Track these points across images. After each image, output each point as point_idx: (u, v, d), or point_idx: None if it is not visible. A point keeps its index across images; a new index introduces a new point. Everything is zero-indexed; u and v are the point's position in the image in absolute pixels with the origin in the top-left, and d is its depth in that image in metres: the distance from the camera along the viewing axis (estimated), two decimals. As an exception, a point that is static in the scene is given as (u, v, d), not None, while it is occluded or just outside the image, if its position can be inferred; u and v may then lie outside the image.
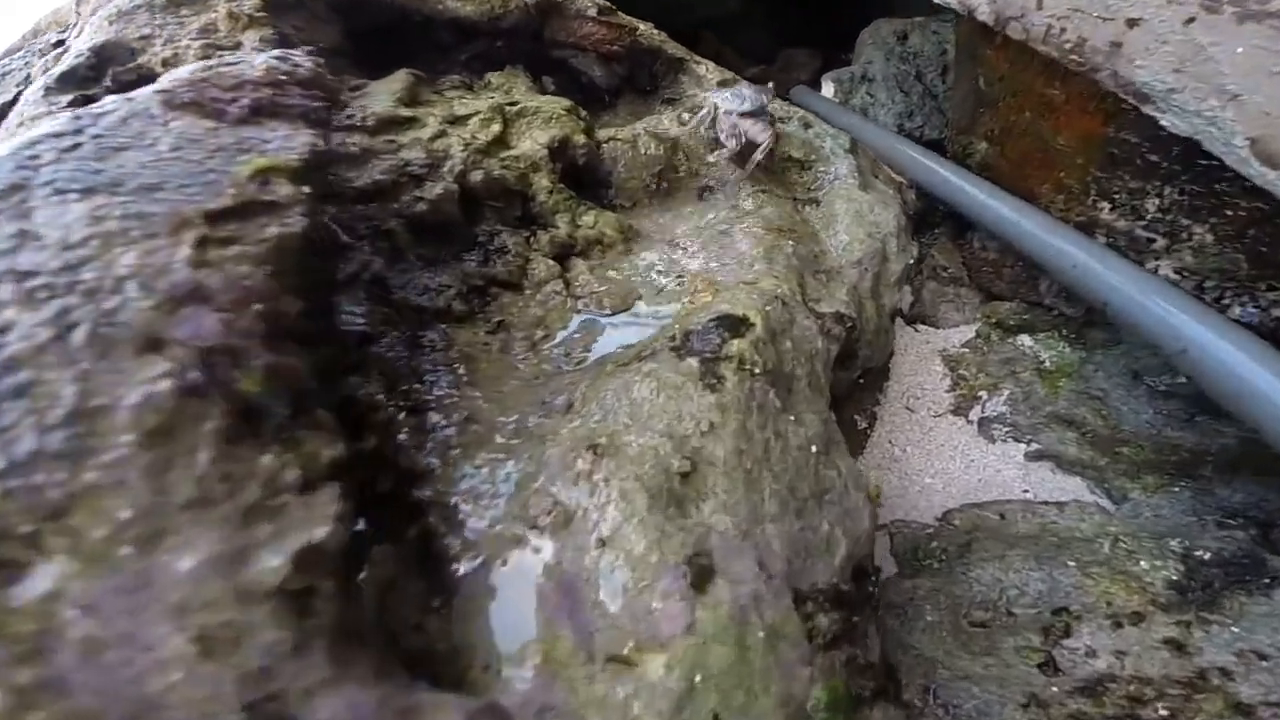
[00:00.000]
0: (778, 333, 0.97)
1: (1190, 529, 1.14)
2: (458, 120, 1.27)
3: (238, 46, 1.20)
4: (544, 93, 1.63)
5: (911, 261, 1.36)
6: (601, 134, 1.44)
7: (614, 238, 1.22)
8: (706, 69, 1.77)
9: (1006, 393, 1.60)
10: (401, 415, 0.83)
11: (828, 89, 2.20)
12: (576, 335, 1.03)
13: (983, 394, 1.64)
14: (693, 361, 0.87)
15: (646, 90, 1.83)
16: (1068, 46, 1.17)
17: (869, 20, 2.76)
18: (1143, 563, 1.09)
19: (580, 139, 1.32)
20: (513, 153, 1.24)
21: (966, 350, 1.70)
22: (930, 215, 1.77)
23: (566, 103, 1.41)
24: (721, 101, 1.39)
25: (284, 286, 0.67)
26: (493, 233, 1.14)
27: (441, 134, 1.19)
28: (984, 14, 1.30)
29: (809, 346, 1.01)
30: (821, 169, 1.50)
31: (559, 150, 1.28)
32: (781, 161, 1.52)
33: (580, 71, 1.76)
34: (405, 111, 1.22)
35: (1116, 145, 1.32)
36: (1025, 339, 1.66)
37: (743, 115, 1.35)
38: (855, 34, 2.78)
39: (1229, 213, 1.23)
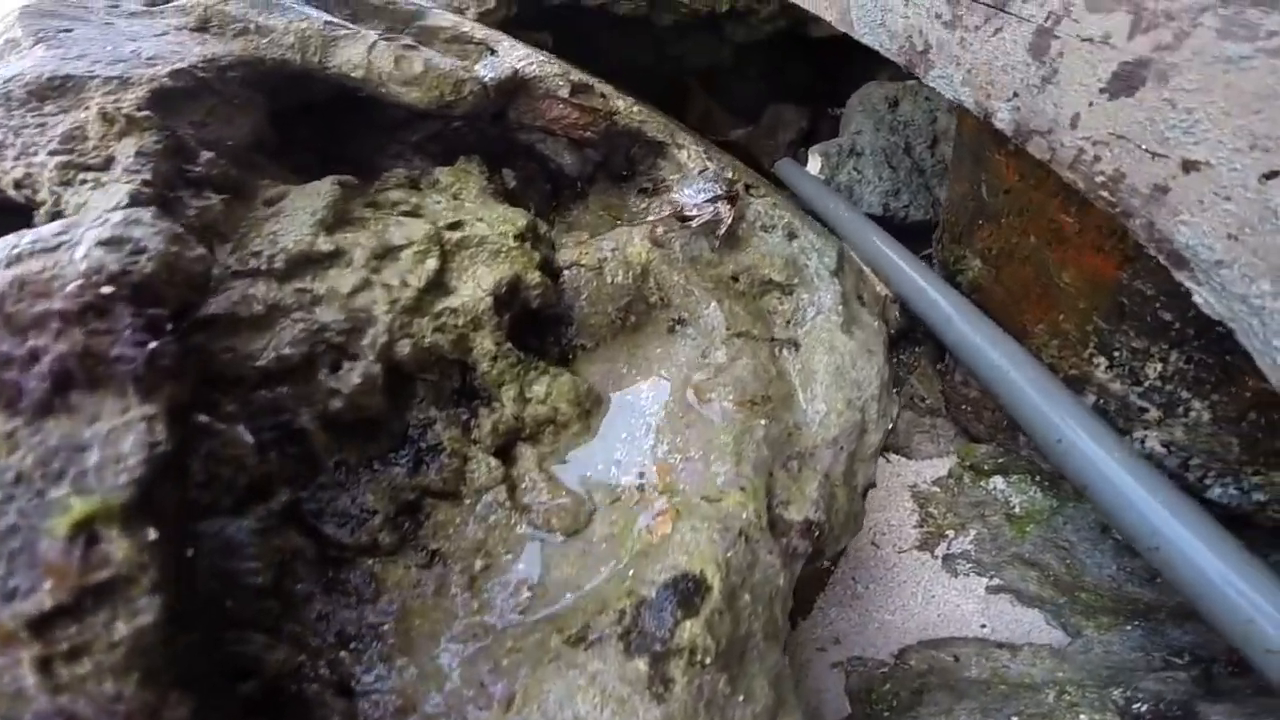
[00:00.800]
0: (737, 589, 0.83)
1: (1137, 665, 1.15)
2: (389, 253, 1.06)
3: (108, 164, 0.94)
4: (504, 191, 1.40)
5: (890, 426, 1.21)
6: (563, 256, 1.24)
7: (569, 414, 1.04)
8: (688, 154, 1.56)
9: (974, 533, 1.53)
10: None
11: (814, 163, 2.00)
12: (521, 567, 0.86)
13: (950, 533, 1.56)
14: (640, 664, 0.72)
15: (623, 175, 1.61)
16: (1099, 179, 0.95)
17: (862, 73, 2.55)
18: (1082, 716, 1.08)
19: (534, 278, 1.12)
20: (450, 304, 1.04)
21: (938, 489, 1.60)
22: (913, 329, 1.62)
23: (521, 221, 1.20)
24: (682, 198, 1.37)
25: (164, 687, 0.48)
26: (425, 423, 0.95)
27: (366, 284, 0.98)
28: (1003, 121, 1.11)
29: (769, 588, 0.87)
30: (804, 295, 1.32)
31: (507, 296, 1.09)
32: (762, 285, 1.34)
33: (548, 158, 1.53)
34: (325, 244, 1.01)
35: (1128, 295, 1.17)
36: (998, 481, 1.57)
37: (704, 204, 1.32)
38: (846, 87, 2.57)
39: (1234, 389, 1.11)
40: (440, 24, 1.62)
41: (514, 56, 1.51)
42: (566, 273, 1.21)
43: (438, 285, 1.06)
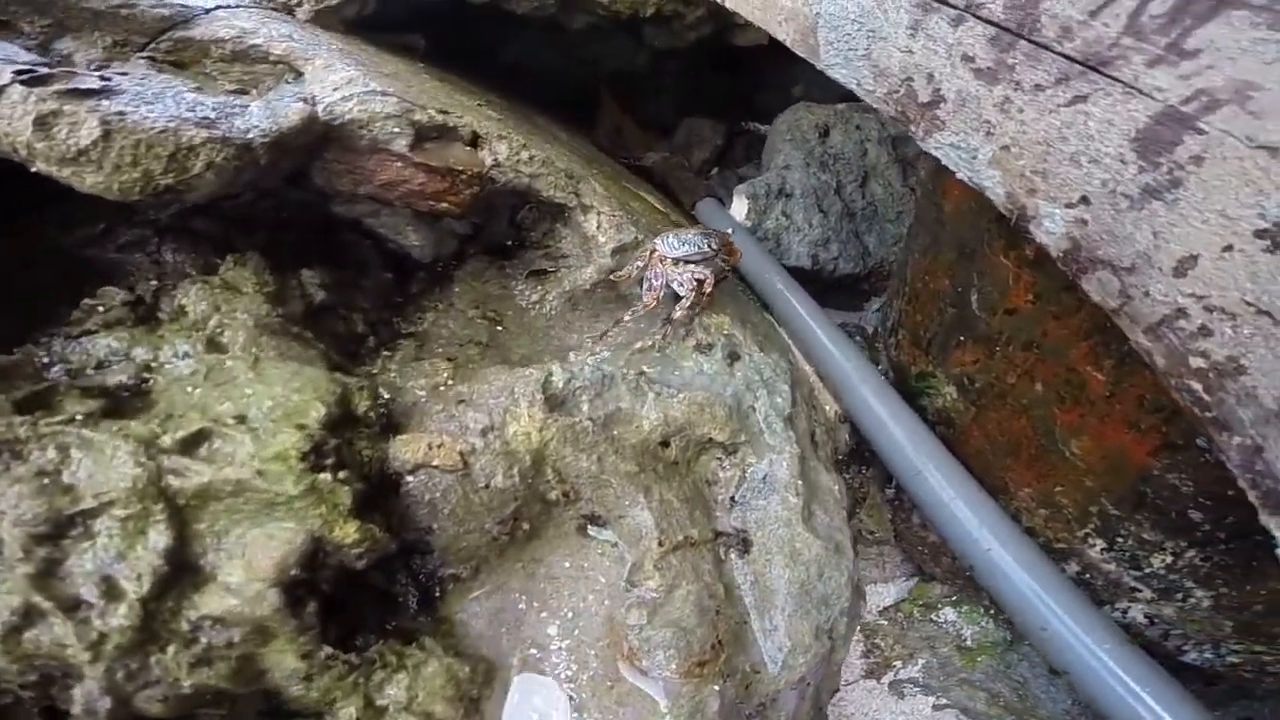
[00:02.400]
0: None
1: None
2: (71, 526, 0.50)
3: None
4: (303, 312, 0.81)
5: (856, 639, 0.85)
6: (401, 453, 0.71)
7: (450, 715, 0.57)
8: (598, 223, 1.04)
9: (922, 662, 1.29)
10: None
11: (740, 206, 1.53)
12: None
13: (898, 663, 1.29)
14: None
15: (507, 246, 1.06)
16: (1195, 363, 0.62)
17: (781, 80, 2.07)
18: None
19: (347, 534, 0.61)
20: (208, 609, 0.53)
21: (885, 621, 1.29)
22: (861, 447, 1.25)
23: (316, 410, 0.65)
24: (664, 247, 1.00)
25: None
26: None
27: (33, 614, 0.44)
28: (1049, 233, 0.74)
29: None
30: (752, 460, 0.91)
31: (305, 575, 0.57)
32: (699, 446, 0.89)
33: (384, 237, 0.94)
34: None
35: (1155, 486, 0.86)
36: (949, 612, 1.29)
37: (686, 261, 0.99)
38: (764, 97, 2.08)
39: (1249, 588, 0.86)
40: (216, 33, 0.95)
41: (325, 85, 0.89)
42: (411, 479, 0.70)
43: (175, 578, 0.52)
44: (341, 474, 0.62)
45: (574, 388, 0.81)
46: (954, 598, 1.24)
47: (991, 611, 1.26)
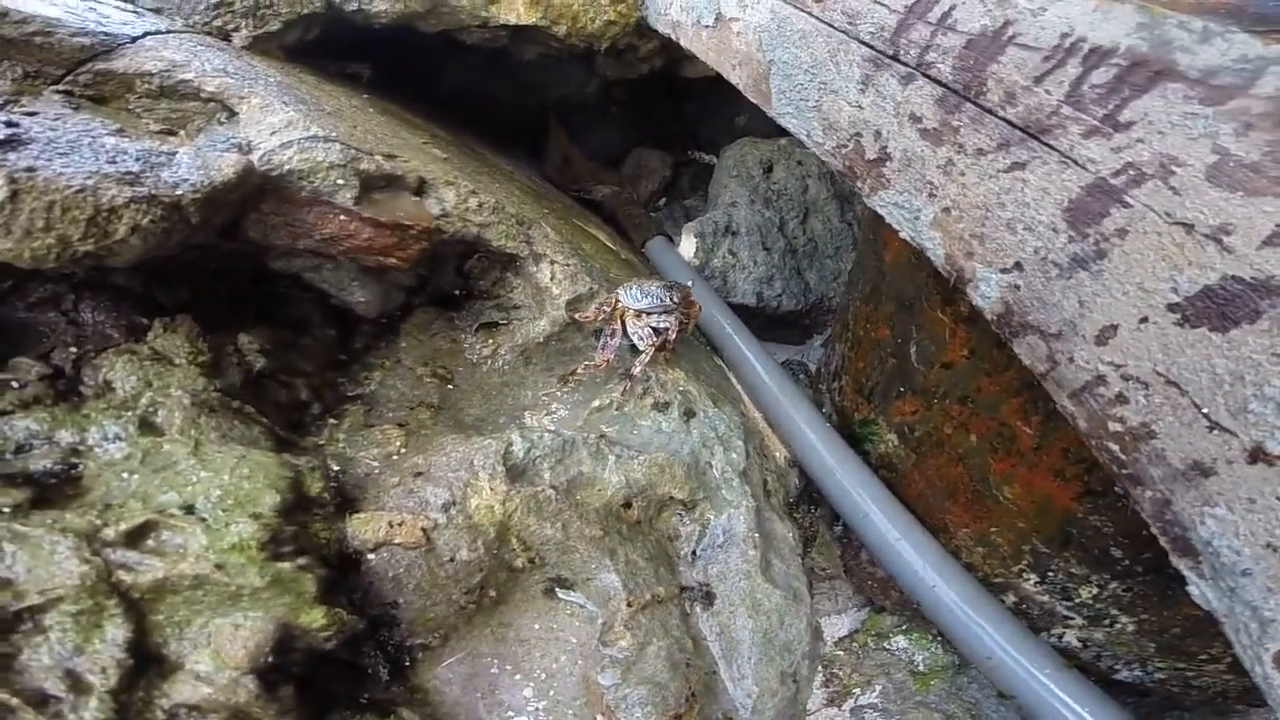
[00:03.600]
0: None
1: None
2: (40, 609, 0.47)
3: None
4: (242, 383, 0.78)
5: (818, 678, 0.89)
6: (361, 531, 0.69)
7: None
8: (551, 274, 1.05)
9: (879, 688, 1.37)
10: None
11: (688, 244, 1.58)
12: None
13: (856, 690, 1.36)
14: None
15: (455, 295, 1.05)
16: (1113, 426, 0.67)
17: (723, 108, 2.15)
18: None
19: (315, 619, 0.59)
20: (180, 696, 0.52)
21: (841, 652, 1.36)
22: (809, 487, 1.30)
23: (270, 497, 0.64)
24: (626, 298, 1.04)
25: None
26: None
27: None
28: (985, 297, 0.77)
29: None
30: (710, 517, 0.94)
31: (277, 660, 0.55)
32: (660, 504, 0.91)
33: (327, 292, 0.91)
34: None
35: (1079, 527, 0.97)
36: (901, 640, 1.36)
37: (647, 313, 1.01)
38: (708, 126, 2.16)
39: (1166, 613, 0.96)
40: (141, 66, 0.90)
41: (262, 129, 0.86)
42: (373, 557, 0.68)
43: (140, 669, 0.50)
44: (302, 560, 0.60)
45: (534, 456, 0.82)
46: (904, 627, 1.32)
47: (940, 639, 1.34)
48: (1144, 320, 0.61)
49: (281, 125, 0.89)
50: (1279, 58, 0.53)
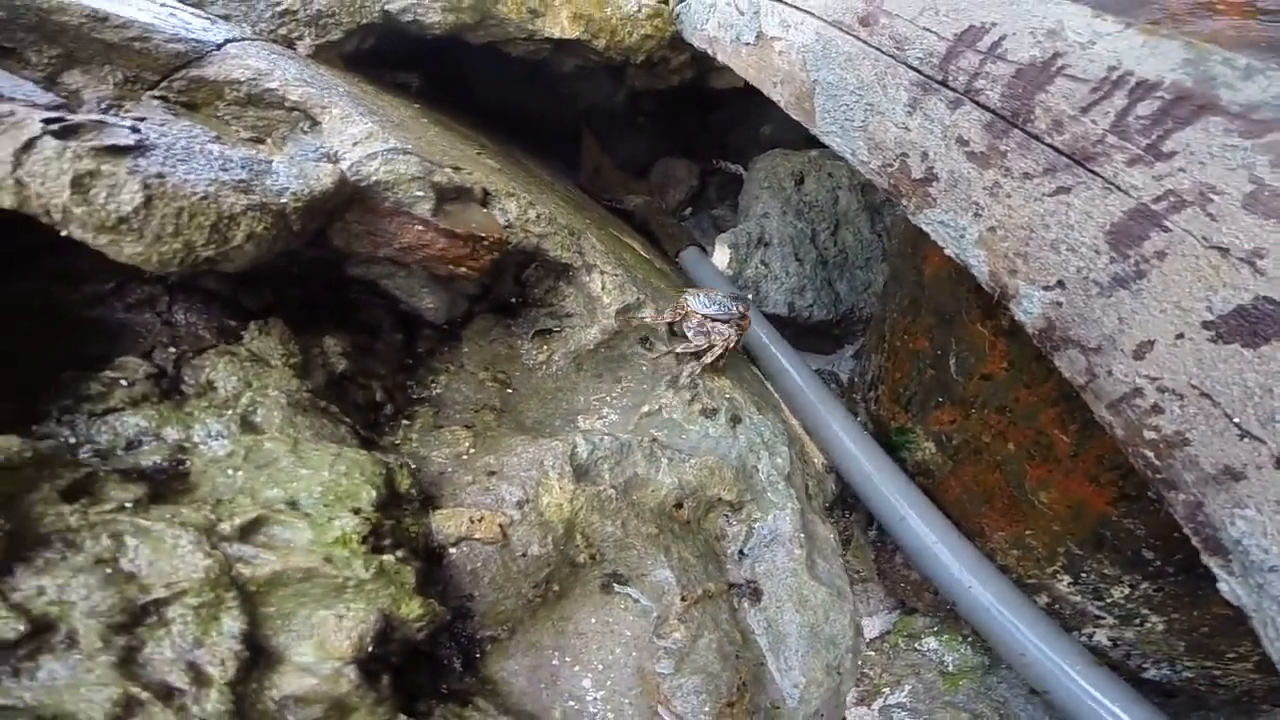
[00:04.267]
0: None
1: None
2: (139, 621, 0.52)
3: None
4: (329, 383, 0.84)
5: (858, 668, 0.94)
6: (445, 525, 0.75)
7: None
8: (602, 284, 1.11)
9: (909, 688, 1.39)
10: None
11: (722, 255, 1.64)
12: None
13: (886, 690, 1.41)
14: None
15: (512, 303, 1.11)
16: (1148, 435, 0.71)
17: (750, 118, 2.21)
18: None
19: (413, 609, 0.65)
20: (289, 687, 0.58)
21: (873, 653, 1.41)
22: (845, 492, 1.36)
23: (368, 492, 0.70)
24: (694, 303, 1.16)
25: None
26: None
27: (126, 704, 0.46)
28: (1026, 312, 0.81)
29: None
30: (756, 515, 0.99)
31: (379, 652, 0.60)
32: (709, 505, 0.97)
33: (398, 298, 0.98)
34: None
35: (1113, 530, 1.01)
36: (931, 641, 1.41)
37: (713, 320, 1.13)
38: (735, 135, 2.22)
39: (1196, 612, 1.00)
40: (230, 74, 0.96)
41: (345, 139, 0.92)
42: (454, 551, 0.74)
43: (252, 661, 0.55)
44: (399, 553, 0.65)
45: (596, 458, 0.87)
46: (935, 628, 1.37)
47: (970, 639, 1.39)
48: (1180, 336, 0.66)
49: (363, 136, 0.95)
50: (1316, 94, 0.58)
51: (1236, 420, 0.63)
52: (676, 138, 2.19)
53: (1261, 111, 0.62)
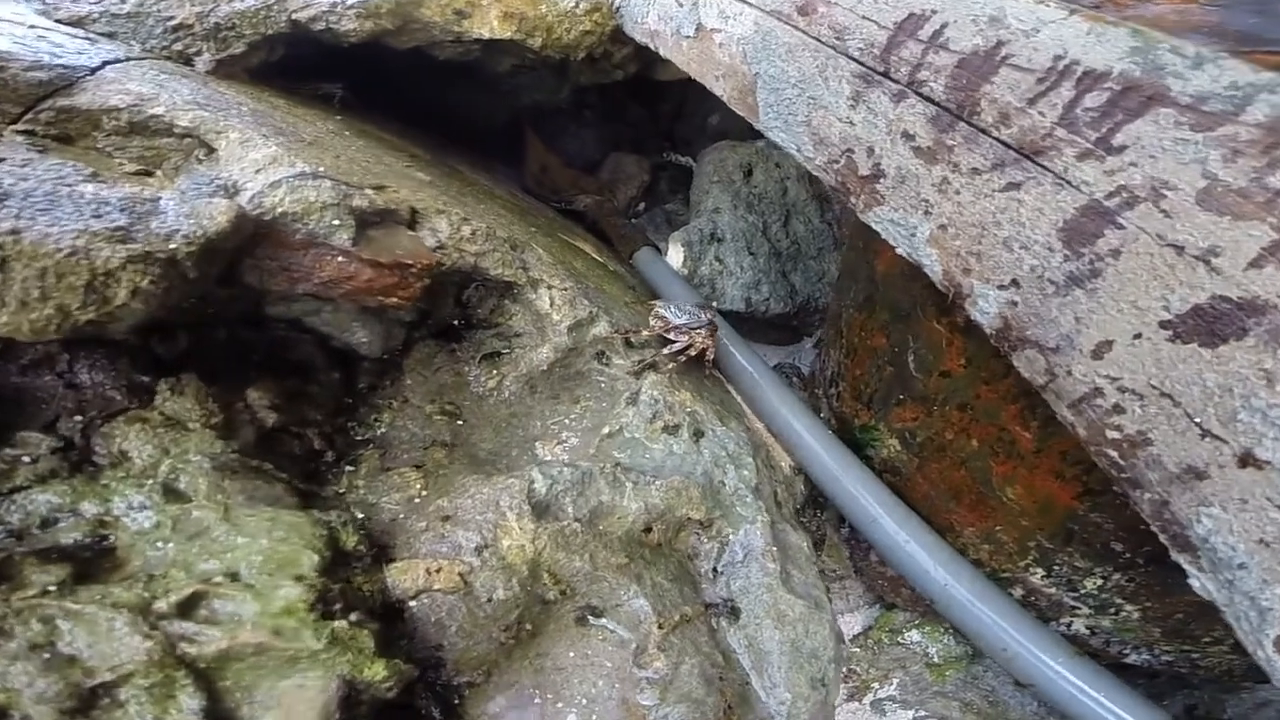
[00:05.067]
0: None
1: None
2: (113, 685, 0.50)
3: None
4: (257, 440, 0.78)
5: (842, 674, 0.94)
6: (400, 580, 0.71)
7: None
8: (550, 300, 1.07)
9: (897, 681, 1.41)
10: None
11: (676, 253, 1.61)
12: None
13: (875, 684, 1.44)
14: None
15: (455, 326, 1.06)
16: (1111, 435, 0.71)
17: (699, 109, 2.17)
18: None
19: (376, 673, 0.62)
20: None
21: (858, 649, 1.43)
22: (815, 492, 1.35)
23: (308, 557, 0.65)
24: (666, 313, 1.20)
25: None
26: None
27: None
28: (983, 312, 0.79)
29: None
30: (729, 533, 0.98)
31: (347, 718, 0.56)
32: (678, 525, 0.94)
33: (328, 335, 0.91)
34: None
35: (1081, 524, 1.03)
36: (914, 634, 1.44)
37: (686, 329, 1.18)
38: (684, 127, 2.18)
39: (1169, 600, 1.03)
40: (106, 101, 0.88)
41: (245, 166, 0.86)
42: (414, 604, 0.69)
43: None
44: (353, 616, 0.61)
45: (556, 492, 0.84)
46: (917, 621, 1.39)
47: (952, 631, 1.41)
48: (1138, 336, 0.66)
49: (266, 162, 0.88)
50: (1268, 85, 0.58)
51: (1198, 420, 0.63)
52: (624, 131, 2.14)
53: (1212, 103, 0.62)
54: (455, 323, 1.07)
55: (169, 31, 1.23)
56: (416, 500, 0.89)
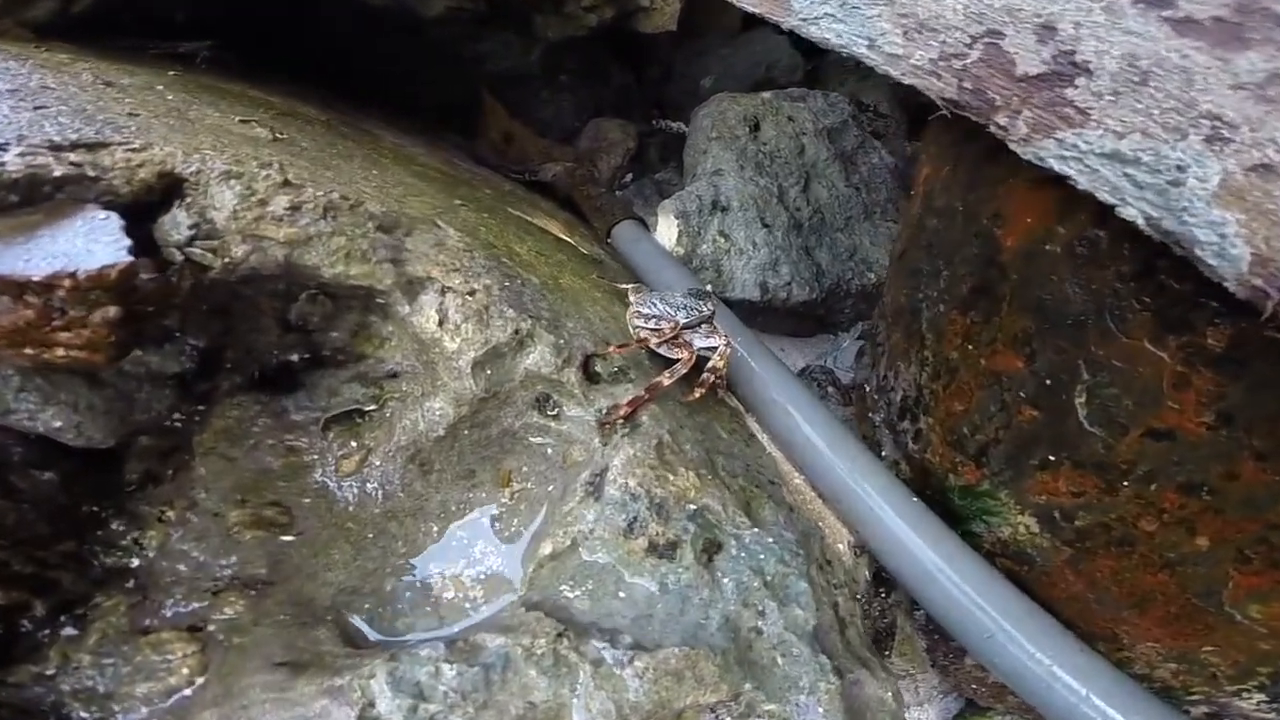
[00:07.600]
0: None
1: None
2: None
3: None
4: None
5: None
6: None
7: None
8: (442, 314, 0.52)
9: None
10: None
11: (668, 228, 1.05)
12: None
13: None
14: None
15: (286, 367, 0.52)
16: None
17: (693, 70, 1.58)
18: None
19: None
20: None
21: None
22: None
23: None
24: (649, 308, 0.69)
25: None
26: None
27: None
28: None
29: None
30: (768, 711, 0.43)
31: None
32: (677, 715, 0.41)
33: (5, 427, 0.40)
34: None
35: None
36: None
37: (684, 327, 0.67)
38: (676, 90, 1.60)
39: None
40: None
41: None
42: None
43: None
44: None
45: (428, 713, 0.32)
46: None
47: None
48: None
49: None
50: None
51: None
52: (608, 97, 1.56)
53: None
54: (284, 360, 0.54)
55: None
56: (186, 694, 0.38)
